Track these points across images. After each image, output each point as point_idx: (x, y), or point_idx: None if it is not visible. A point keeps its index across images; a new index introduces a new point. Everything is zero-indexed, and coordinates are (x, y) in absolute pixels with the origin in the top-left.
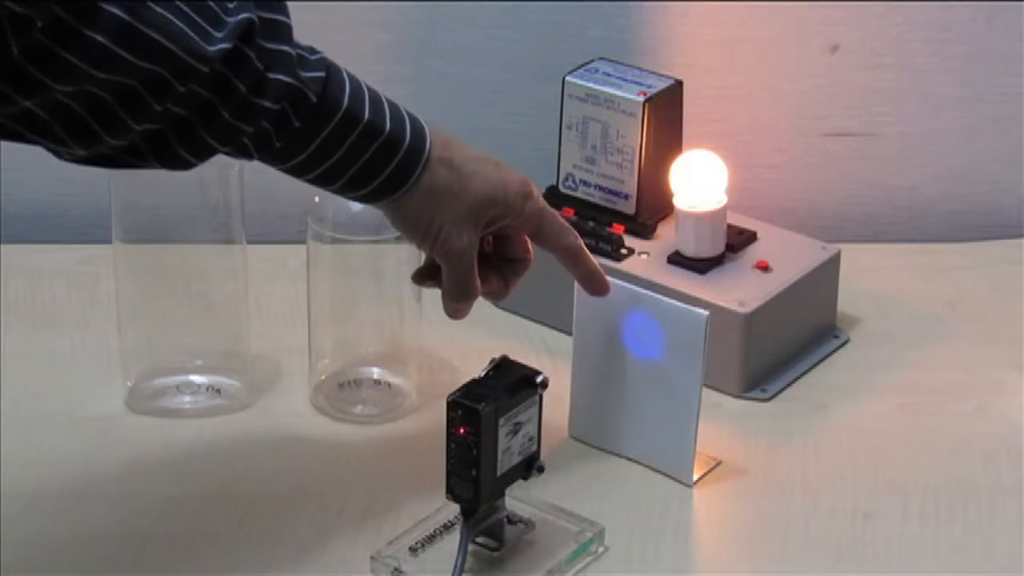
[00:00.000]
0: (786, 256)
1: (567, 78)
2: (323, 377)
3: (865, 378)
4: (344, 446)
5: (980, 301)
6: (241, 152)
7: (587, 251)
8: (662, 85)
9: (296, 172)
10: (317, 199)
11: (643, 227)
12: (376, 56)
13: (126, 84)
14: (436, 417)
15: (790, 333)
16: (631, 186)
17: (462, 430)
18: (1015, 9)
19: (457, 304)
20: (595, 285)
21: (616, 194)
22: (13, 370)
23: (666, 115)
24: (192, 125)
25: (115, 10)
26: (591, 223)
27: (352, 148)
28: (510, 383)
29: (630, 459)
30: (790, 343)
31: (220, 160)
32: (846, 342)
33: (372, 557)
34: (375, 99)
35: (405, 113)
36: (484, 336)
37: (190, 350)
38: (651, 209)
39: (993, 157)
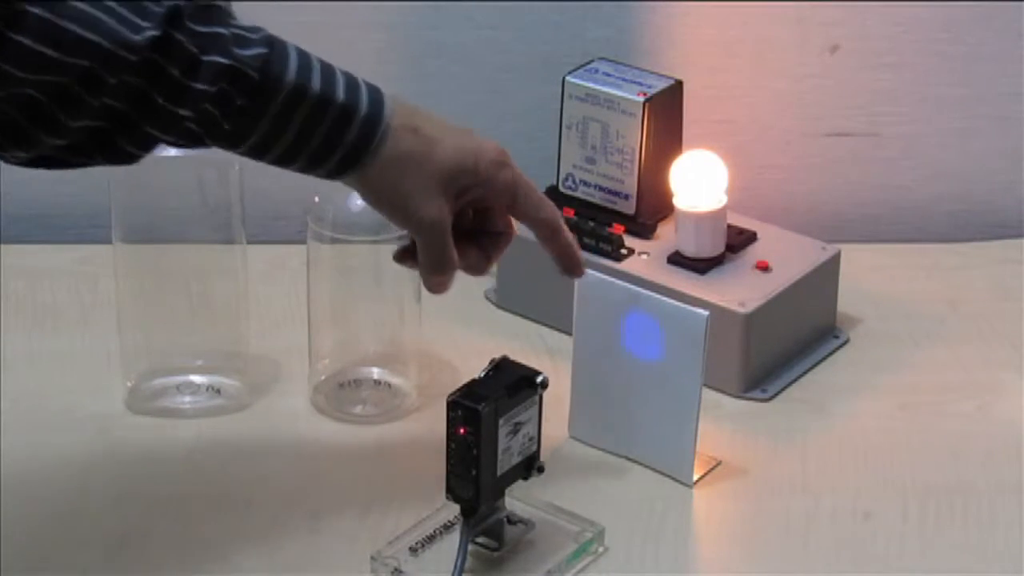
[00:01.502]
0: (786, 256)
1: (567, 78)
2: (323, 377)
3: (865, 378)
4: (344, 446)
5: (980, 301)
6: (191, 139)
7: (565, 227)
8: (662, 85)
9: (255, 154)
10: (317, 199)
11: (643, 227)
12: (376, 56)
13: (57, 82)
14: (436, 417)
15: (790, 333)
16: (631, 186)
17: (462, 430)
18: (1015, 9)
19: (436, 277)
20: (570, 263)
21: (616, 194)
22: (13, 370)
23: (666, 115)
24: (130, 117)
25: (36, 10)
26: (591, 223)
27: (306, 122)
28: (510, 383)
29: (630, 459)
30: (790, 343)
31: (220, 160)
32: (846, 342)
33: (372, 557)
34: (327, 71)
35: (362, 82)
36: (484, 336)
37: (190, 350)
38: (651, 209)
39: (993, 157)
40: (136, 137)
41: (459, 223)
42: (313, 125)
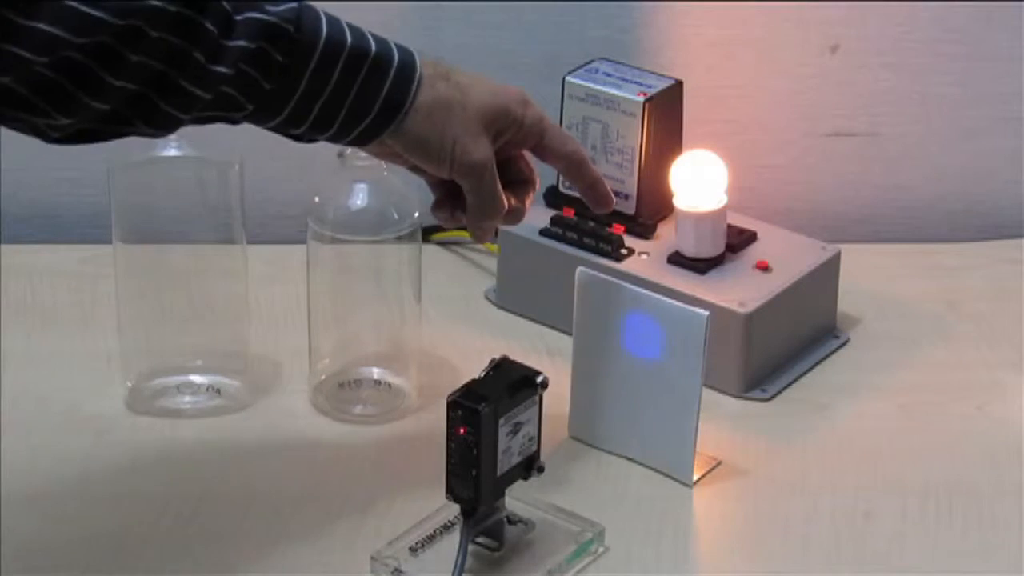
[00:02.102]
0: (786, 256)
1: (567, 78)
2: (323, 377)
3: (865, 378)
4: (344, 446)
5: (980, 301)
6: (228, 104)
7: (590, 161)
8: (662, 85)
9: (293, 121)
10: (317, 199)
11: (643, 227)
12: None
13: (100, 42)
14: (436, 417)
15: (790, 333)
16: (631, 186)
17: (462, 430)
18: (1015, 9)
19: (486, 222)
20: (598, 196)
21: (616, 194)
22: (13, 370)
23: (666, 115)
24: (169, 76)
25: None
26: (591, 223)
27: (343, 75)
28: (510, 383)
29: (630, 459)
30: (790, 343)
31: (220, 160)
32: (846, 342)
33: (372, 557)
34: (355, 28)
35: (389, 39)
36: (484, 336)
37: (190, 350)
38: (651, 209)
39: (993, 157)
40: (177, 98)
41: None
42: (350, 78)
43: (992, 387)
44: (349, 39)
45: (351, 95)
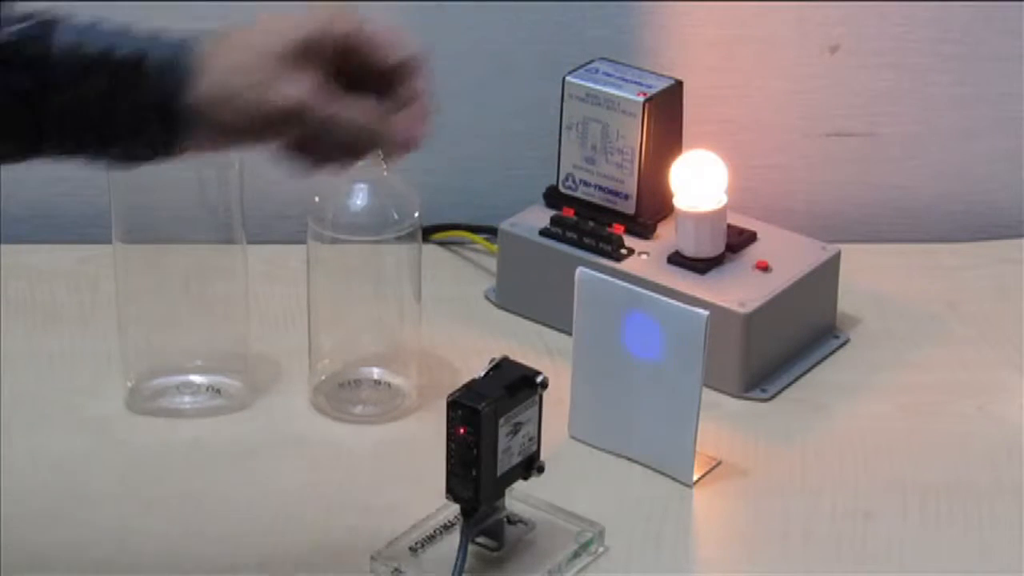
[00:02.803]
0: (786, 256)
1: (567, 78)
2: (323, 377)
3: (865, 378)
4: (344, 446)
5: (980, 301)
6: None
7: (424, 71)
8: (662, 85)
9: (64, 146)
10: (317, 199)
11: (643, 227)
12: None
13: None
14: (436, 417)
15: (790, 333)
16: (631, 186)
17: (462, 430)
18: (1015, 9)
19: (390, 129)
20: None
21: (616, 194)
22: (13, 370)
23: (666, 115)
24: None
25: None
26: (591, 223)
27: (107, 86)
28: (510, 383)
29: (630, 459)
30: (790, 343)
31: (220, 160)
32: (846, 342)
33: (372, 557)
34: (113, 32)
35: (155, 34)
36: (484, 336)
37: (190, 350)
38: (651, 209)
39: (993, 157)
40: None
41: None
42: (111, 87)
43: (992, 387)
44: (95, 49)
45: (121, 107)
